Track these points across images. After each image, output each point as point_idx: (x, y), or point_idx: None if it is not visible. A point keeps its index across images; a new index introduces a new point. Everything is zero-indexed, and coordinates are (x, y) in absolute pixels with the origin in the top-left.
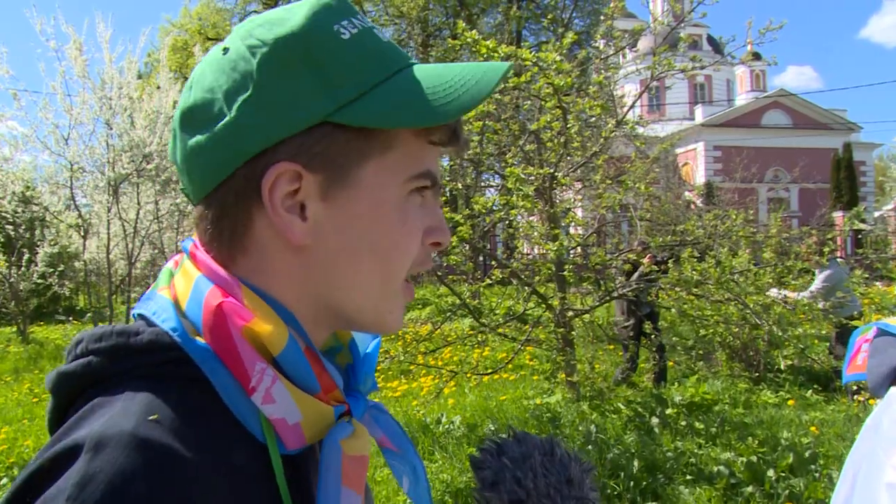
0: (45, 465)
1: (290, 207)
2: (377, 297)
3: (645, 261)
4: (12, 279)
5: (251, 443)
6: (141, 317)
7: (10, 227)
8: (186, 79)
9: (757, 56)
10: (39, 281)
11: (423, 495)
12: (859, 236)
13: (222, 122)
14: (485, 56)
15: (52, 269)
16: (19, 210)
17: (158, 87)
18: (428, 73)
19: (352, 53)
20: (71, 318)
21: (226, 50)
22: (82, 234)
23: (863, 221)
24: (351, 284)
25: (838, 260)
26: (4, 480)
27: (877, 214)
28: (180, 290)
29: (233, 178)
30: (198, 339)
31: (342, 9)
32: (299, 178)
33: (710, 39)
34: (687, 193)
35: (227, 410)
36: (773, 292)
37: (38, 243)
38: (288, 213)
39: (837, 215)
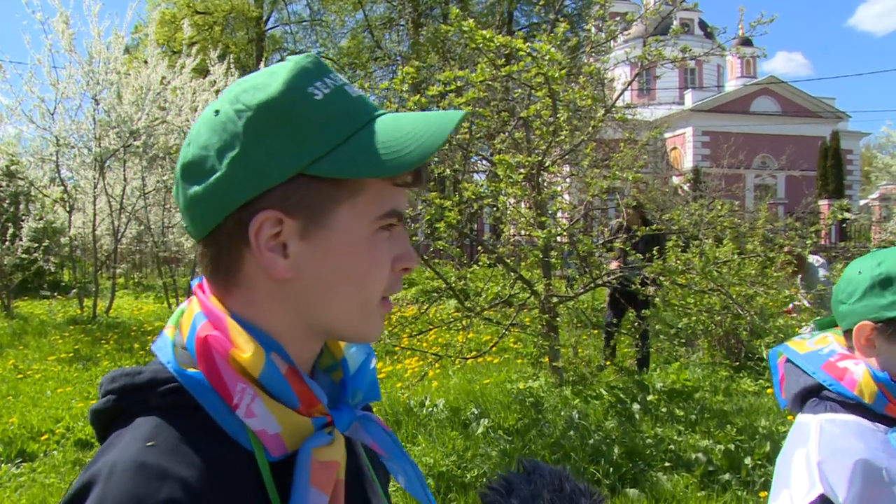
0: (73, 498)
1: (273, 248)
2: (356, 317)
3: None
4: None
5: (242, 453)
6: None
7: None
8: (175, 53)
9: (747, 42)
10: (24, 256)
11: (417, 490)
12: (844, 225)
13: (215, 176)
14: (478, 44)
15: (36, 244)
16: (3, 184)
17: (146, 62)
18: (388, 126)
19: (323, 114)
20: (56, 294)
21: (217, 112)
22: (68, 209)
23: (847, 211)
24: (331, 308)
25: (810, 259)
26: None
27: (862, 203)
28: (185, 326)
29: (225, 223)
30: (190, 369)
31: (317, 70)
32: (280, 222)
33: (702, 24)
34: (674, 179)
35: (219, 428)
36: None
37: (23, 218)
38: (271, 253)
39: (823, 203)
